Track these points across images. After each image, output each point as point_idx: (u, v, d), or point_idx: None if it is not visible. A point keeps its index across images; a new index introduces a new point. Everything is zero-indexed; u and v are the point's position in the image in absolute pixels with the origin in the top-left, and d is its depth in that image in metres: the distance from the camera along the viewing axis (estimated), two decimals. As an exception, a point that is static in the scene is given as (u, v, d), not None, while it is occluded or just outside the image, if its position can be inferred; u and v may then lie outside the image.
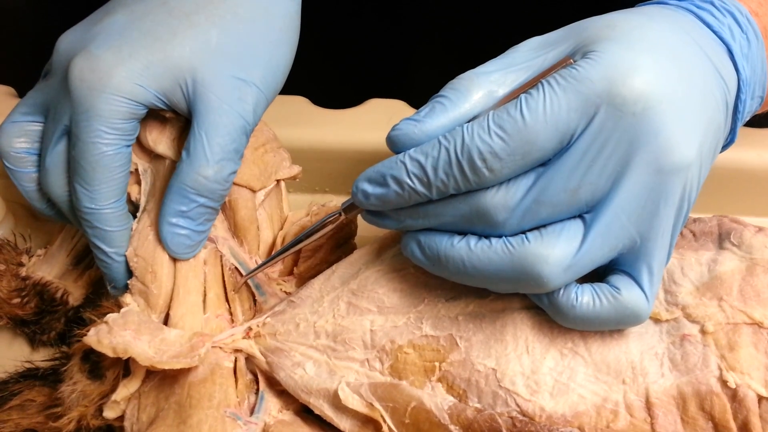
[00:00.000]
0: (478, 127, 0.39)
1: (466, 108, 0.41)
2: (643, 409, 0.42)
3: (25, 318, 0.55)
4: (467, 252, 0.41)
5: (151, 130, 0.51)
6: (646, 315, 0.42)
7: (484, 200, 0.40)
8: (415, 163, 0.40)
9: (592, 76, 0.38)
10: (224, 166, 0.47)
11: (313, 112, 0.63)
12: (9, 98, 0.64)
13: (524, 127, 0.38)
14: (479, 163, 0.39)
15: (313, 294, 0.49)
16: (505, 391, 0.43)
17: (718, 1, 0.45)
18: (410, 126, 0.41)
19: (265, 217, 0.54)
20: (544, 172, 0.40)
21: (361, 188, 0.43)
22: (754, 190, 0.61)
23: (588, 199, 0.39)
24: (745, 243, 0.46)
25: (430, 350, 0.45)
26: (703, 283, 0.45)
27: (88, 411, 0.48)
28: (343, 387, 0.45)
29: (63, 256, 0.56)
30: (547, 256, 0.39)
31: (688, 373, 0.42)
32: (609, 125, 0.38)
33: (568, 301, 0.41)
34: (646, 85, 0.38)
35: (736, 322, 0.43)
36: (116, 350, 0.43)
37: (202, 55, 0.47)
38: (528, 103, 0.38)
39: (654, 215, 0.40)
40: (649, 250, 0.41)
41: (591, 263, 0.40)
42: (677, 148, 0.39)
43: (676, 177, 0.39)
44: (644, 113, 0.38)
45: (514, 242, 0.40)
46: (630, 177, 0.39)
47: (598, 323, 0.42)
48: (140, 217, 0.50)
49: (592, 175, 0.39)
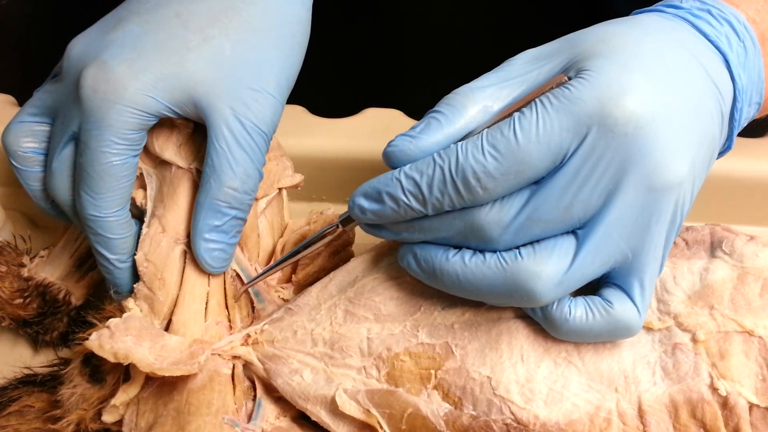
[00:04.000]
0: (472, 146, 0.39)
1: (462, 124, 0.42)
2: (635, 417, 0.43)
3: (28, 319, 0.56)
4: (462, 266, 0.42)
5: (158, 137, 0.51)
6: (638, 328, 0.42)
7: (478, 217, 0.40)
8: (410, 181, 0.41)
9: (585, 96, 0.39)
10: (250, 176, 0.48)
11: (310, 121, 0.63)
12: (9, 107, 0.64)
13: (517, 147, 0.39)
14: (473, 182, 0.39)
15: (311, 302, 0.49)
16: (500, 399, 0.43)
17: (715, 10, 0.45)
18: (406, 142, 0.42)
19: (266, 224, 0.54)
20: (537, 190, 0.40)
21: (358, 203, 0.43)
22: (747, 199, 0.62)
23: (580, 216, 0.40)
24: (737, 251, 0.47)
25: (426, 358, 0.45)
26: (695, 291, 0.46)
27: (87, 414, 0.48)
28: (341, 393, 0.45)
29: (66, 258, 0.56)
30: (540, 272, 0.40)
31: (680, 381, 0.43)
32: (601, 145, 0.39)
33: (562, 314, 0.42)
34: (637, 105, 0.39)
35: (727, 330, 0.44)
36: (117, 356, 0.43)
37: (216, 69, 0.48)
38: (521, 123, 0.39)
39: (646, 231, 0.40)
40: (640, 265, 0.41)
41: (582, 279, 0.41)
42: (669, 166, 0.39)
43: (667, 194, 0.39)
44: (636, 133, 0.38)
45: (507, 258, 0.40)
46: (621, 195, 0.39)
47: (591, 336, 0.43)
48: (149, 222, 0.51)
49: (584, 194, 0.39)
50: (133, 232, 0.50)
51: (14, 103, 0.65)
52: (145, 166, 0.52)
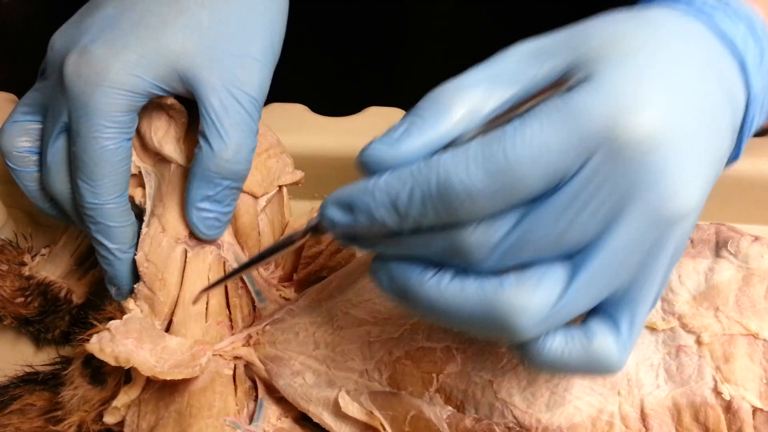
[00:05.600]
0: (457, 160, 0.33)
1: (446, 129, 0.36)
2: (638, 420, 0.42)
3: (29, 317, 0.56)
4: (437, 293, 0.36)
5: (156, 130, 0.51)
6: (618, 367, 0.37)
7: (460, 237, 0.34)
8: (385, 194, 0.35)
9: (591, 110, 0.33)
10: (242, 145, 0.48)
11: (312, 120, 0.63)
12: (10, 105, 0.64)
13: (509, 165, 0.33)
14: (456, 202, 0.33)
15: (312, 303, 0.49)
16: (501, 403, 0.43)
17: (730, 8, 0.40)
18: (383, 148, 0.36)
19: (267, 223, 0.54)
20: (529, 212, 0.34)
21: (328, 215, 0.37)
22: (752, 197, 0.61)
23: (575, 243, 0.34)
24: (742, 252, 0.46)
25: (427, 362, 0.45)
26: (699, 292, 0.45)
27: (88, 416, 0.48)
28: (343, 395, 0.45)
29: (67, 256, 0.56)
30: (524, 307, 0.34)
31: (683, 385, 0.43)
32: (606, 168, 0.33)
33: (537, 344, 0.36)
34: (651, 125, 0.33)
35: (731, 333, 0.44)
36: (118, 359, 0.43)
37: (195, 38, 0.48)
38: (516, 138, 0.33)
39: (645, 265, 0.35)
40: (634, 299, 0.36)
41: (570, 314, 0.36)
42: (679, 196, 0.34)
43: (674, 226, 0.35)
44: (647, 157, 0.33)
45: (489, 287, 0.35)
46: (623, 225, 0.34)
47: (565, 370, 0.37)
48: (149, 221, 0.51)
49: (582, 219, 0.34)
50: (132, 221, 0.50)
51: (15, 100, 0.65)
52: (144, 164, 0.52)
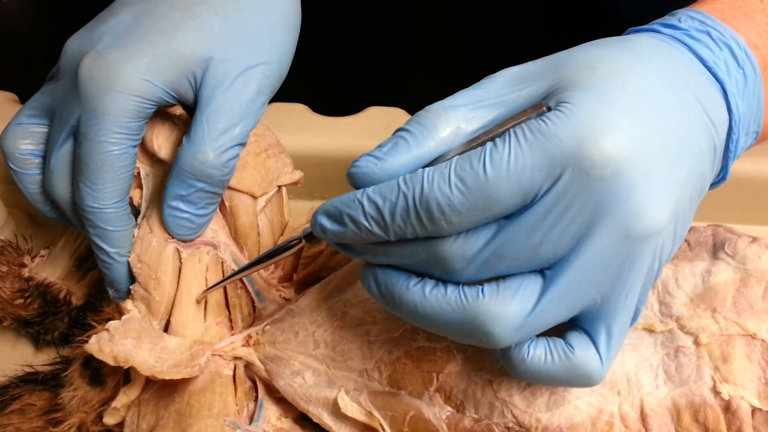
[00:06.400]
0: (439, 176, 0.37)
1: (432, 146, 0.39)
2: (637, 420, 0.43)
3: (29, 319, 0.56)
4: (421, 298, 0.39)
5: (158, 135, 0.51)
6: (599, 378, 0.39)
7: (441, 248, 0.38)
8: (372, 205, 0.38)
9: (561, 133, 0.36)
10: (224, 151, 0.48)
11: (312, 120, 0.63)
12: (11, 104, 0.64)
13: (486, 182, 0.36)
14: (437, 215, 0.37)
15: (312, 303, 0.49)
16: (501, 402, 0.43)
17: (714, 32, 0.42)
18: (371, 163, 0.39)
19: (266, 222, 0.54)
20: (504, 226, 0.37)
21: (319, 222, 0.41)
22: (749, 198, 0.62)
23: (549, 257, 0.37)
24: (739, 253, 0.46)
25: (427, 361, 0.45)
26: (697, 294, 0.46)
27: (88, 417, 0.48)
28: (343, 395, 0.45)
29: (66, 258, 0.56)
30: (500, 314, 0.37)
31: (683, 385, 0.43)
32: (575, 187, 0.36)
33: (520, 353, 0.39)
34: (617, 147, 0.36)
35: (729, 333, 0.44)
36: (117, 359, 0.44)
37: (205, 44, 0.48)
38: (492, 157, 0.36)
39: (618, 279, 0.38)
40: (609, 312, 0.39)
41: (545, 324, 0.38)
42: (648, 213, 0.36)
43: (645, 243, 0.37)
44: (613, 177, 0.36)
45: (468, 295, 0.38)
46: (594, 241, 0.37)
47: (547, 380, 0.40)
48: (140, 223, 0.51)
49: (554, 235, 0.37)
50: (132, 225, 0.50)
51: (16, 100, 0.65)
52: (144, 165, 0.52)
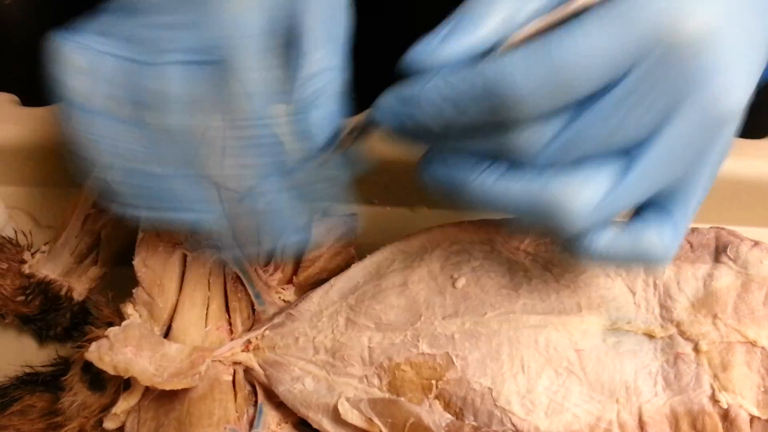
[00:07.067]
0: (514, 62, 0.34)
1: (484, 33, 0.35)
2: (636, 428, 0.43)
3: (31, 315, 0.56)
4: (492, 182, 0.37)
5: None
6: (667, 258, 0.39)
7: (513, 135, 0.35)
8: (439, 92, 0.35)
9: (645, 11, 0.33)
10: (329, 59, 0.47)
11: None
12: (11, 106, 0.64)
13: (563, 67, 0.33)
14: (510, 103, 0.34)
15: (312, 308, 0.49)
16: (500, 410, 0.43)
17: None
18: (426, 50, 0.36)
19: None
20: (581, 111, 0.35)
21: (384, 105, 0.38)
22: (752, 200, 0.61)
23: (628, 141, 0.35)
24: (741, 257, 0.46)
25: (427, 368, 0.45)
26: (698, 298, 0.46)
27: (88, 422, 0.48)
28: (343, 402, 0.45)
29: (67, 254, 0.56)
30: (578, 192, 0.36)
31: (681, 393, 0.43)
32: (662, 66, 0.33)
33: (589, 233, 0.38)
34: (705, 25, 0.33)
35: (730, 340, 0.44)
36: (117, 369, 0.43)
37: None
38: (570, 40, 0.33)
39: (698, 161, 0.37)
40: (687, 191, 0.38)
41: (622, 206, 0.37)
42: (732, 93, 0.34)
43: (726, 123, 0.36)
44: (699, 56, 0.33)
45: (544, 177, 0.36)
46: (678, 121, 0.35)
47: (614, 259, 0.39)
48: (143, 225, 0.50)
49: (635, 117, 0.34)
50: None
51: (17, 101, 0.64)
52: None
